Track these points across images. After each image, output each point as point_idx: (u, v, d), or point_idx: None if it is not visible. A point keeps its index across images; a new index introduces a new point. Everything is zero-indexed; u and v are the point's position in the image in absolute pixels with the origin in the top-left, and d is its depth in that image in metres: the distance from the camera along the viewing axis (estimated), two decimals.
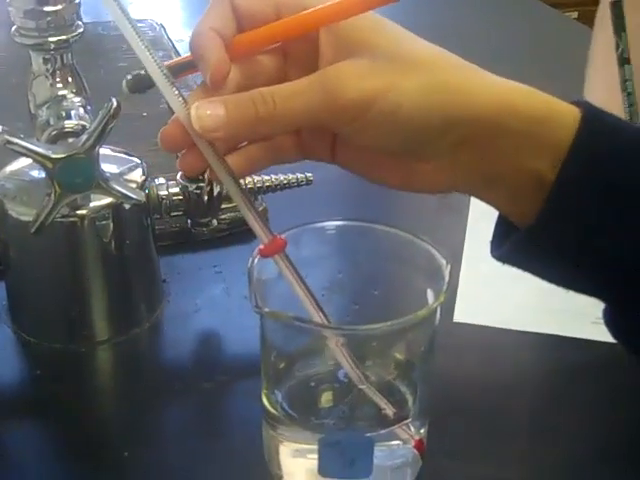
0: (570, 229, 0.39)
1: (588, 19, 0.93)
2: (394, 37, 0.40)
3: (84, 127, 0.51)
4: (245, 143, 0.42)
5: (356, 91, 0.38)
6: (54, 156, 0.48)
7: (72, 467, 0.49)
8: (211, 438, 0.50)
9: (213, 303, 0.60)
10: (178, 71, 0.42)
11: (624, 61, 0.62)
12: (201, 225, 0.60)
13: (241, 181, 0.42)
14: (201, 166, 0.41)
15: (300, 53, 0.41)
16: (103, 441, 0.50)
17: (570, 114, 0.39)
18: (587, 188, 0.38)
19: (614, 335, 0.43)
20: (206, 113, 0.38)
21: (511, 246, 0.40)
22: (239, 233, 0.66)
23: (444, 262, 0.43)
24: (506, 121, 0.39)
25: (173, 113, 0.41)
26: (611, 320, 0.43)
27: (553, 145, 0.39)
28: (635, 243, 0.39)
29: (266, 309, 0.42)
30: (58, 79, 0.52)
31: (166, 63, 0.40)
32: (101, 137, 0.49)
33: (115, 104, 0.48)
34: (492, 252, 0.42)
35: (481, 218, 0.68)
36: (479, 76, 0.40)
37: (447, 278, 0.43)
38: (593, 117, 0.39)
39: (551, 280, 0.43)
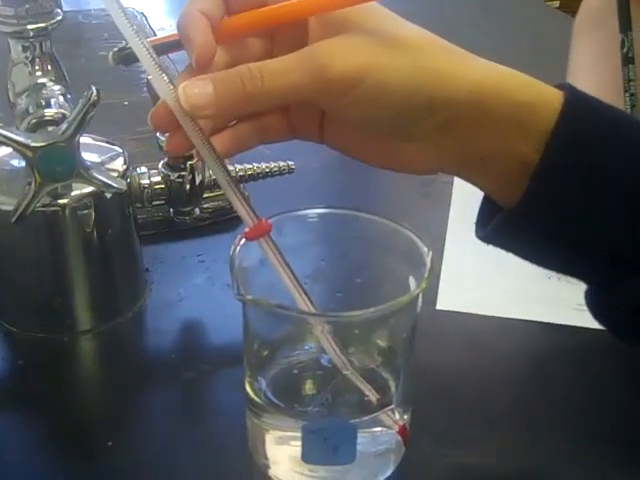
0: (552, 211, 0.39)
1: (570, 8, 0.93)
2: (384, 18, 0.40)
3: (64, 115, 0.51)
4: (234, 122, 0.42)
5: (343, 67, 0.38)
6: (34, 145, 0.48)
7: (55, 457, 0.49)
8: (195, 427, 0.50)
9: (196, 292, 0.60)
10: (164, 49, 0.42)
11: (629, 60, 0.61)
12: (183, 214, 0.60)
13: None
14: (188, 145, 0.41)
15: (288, 34, 0.41)
16: (87, 430, 0.50)
17: (555, 98, 0.39)
18: (570, 171, 0.39)
19: (594, 316, 0.43)
20: (194, 92, 0.38)
21: (494, 227, 0.41)
22: (222, 222, 0.66)
23: (426, 249, 0.44)
24: (491, 105, 0.39)
25: (156, 100, 0.41)
26: (592, 301, 0.43)
27: (537, 129, 0.39)
28: (616, 226, 0.39)
29: (249, 296, 0.42)
30: (37, 67, 0.52)
31: (150, 39, 0.40)
32: (81, 125, 0.48)
33: (95, 92, 0.48)
34: (476, 232, 0.43)
35: (463, 206, 0.68)
36: (466, 59, 0.40)
37: (429, 265, 0.43)
38: (576, 100, 0.39)
39: (533, 261, 0.43)
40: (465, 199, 0.69)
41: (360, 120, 0.40)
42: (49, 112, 0.51)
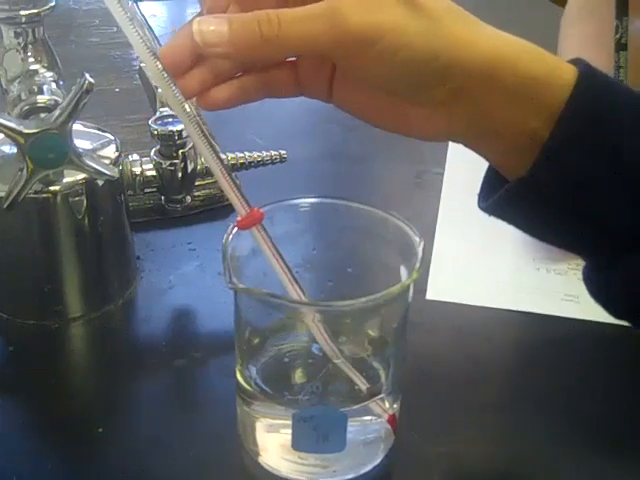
0: (559, 185, 0.39)
1: None
2: None
3: (56, 102, 0.50)
4: (239, 74, 0.42)
5: (363, 22, 0.37)
6: (26, 131, 0.48)
7: (45, 443, 0.49)
8: (185, 415, 0.50)
9: (187, 280, 0.60)
10: None
11: (622, 47, 0.61)
12: (175, 202, 0.60)
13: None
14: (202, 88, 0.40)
15: None
16: (77, 417, 0.50)
17: (568, 74, 0.39)
18: (579, 147, 0.38)
19: (590, 291, 0.43)
20: (209, 28, 0.38)
21: (499, 198, 0.40)
22: (213, 210, 0.66)
23: (417, 239, 0.44)
24: (504, 76, 0.39)
25: (148, 87, 0.41)
26: (589, 277, 0.43)
27: (548, 104, 0.39)
28: (623, 202, 0.39)
29: (240, 285, 0.42)
30: (30, 53, 0.52)
31: None
32: (74, 113, 0.48)
33: (88, 79, 0.48)
34: (479, 204, 0.42)
35: (454, 197, 0.68)
36: (483, 29, 0.40)
37: (420, 255, 0.43)
38: (589, 77, 0.39)
39: (533, 234, 0.43)
40: (456, 190, 0.69)
41: (372, 79, 0.40)
42: (42, 99, 0.51)
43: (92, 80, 0.48)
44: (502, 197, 0.40)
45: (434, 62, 0.38)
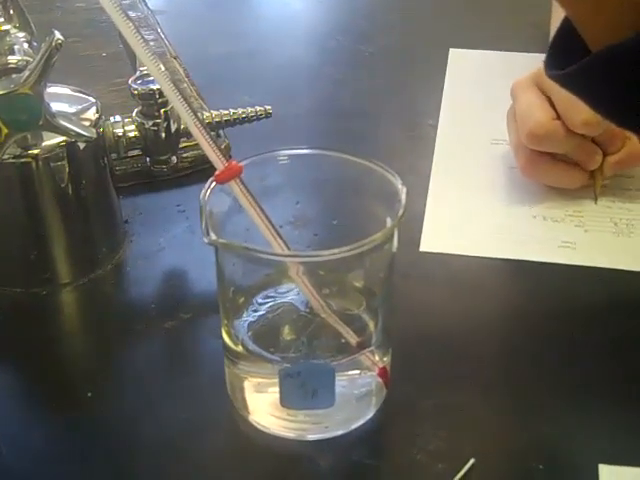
0: None
1: None
2: None
3: (29, 63, 0.49)
4: None
5: None
6: None
7: (36, 409, 0.48)
8: (175, 376, 0.49)
9: (177, 242, 0.59)
10: None
11: None
12: (160, 163, 0.59)
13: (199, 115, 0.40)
14: None
15: None
16: (67, 383, 0.49)
17: None
18: None
19: None
20: None
21: (584, 65, 0.35)
22: (202, 171, 0.64)
23: (400, 186, 0.42)
24: None
25: (130, 52, 0.39)
26: None
27: None
28: None
29: (221, 240, 0.41)
30: (0, 14, 0.50)
31: None
32: (45, 71, 0.47)
33: (57, 36, 0.46)
34: (547, 72, 0.38)
35: (448, 148, 0.67)
36: None
37: (403, 201, 0.42)
38: None
39: (604, 108, 0.38)
40: (450, 141, 0.68)
41: None
42: (12, 59, 0.49)
43: (61, 37, 0.46)
44: (587, 65, 0.35)
45: None
